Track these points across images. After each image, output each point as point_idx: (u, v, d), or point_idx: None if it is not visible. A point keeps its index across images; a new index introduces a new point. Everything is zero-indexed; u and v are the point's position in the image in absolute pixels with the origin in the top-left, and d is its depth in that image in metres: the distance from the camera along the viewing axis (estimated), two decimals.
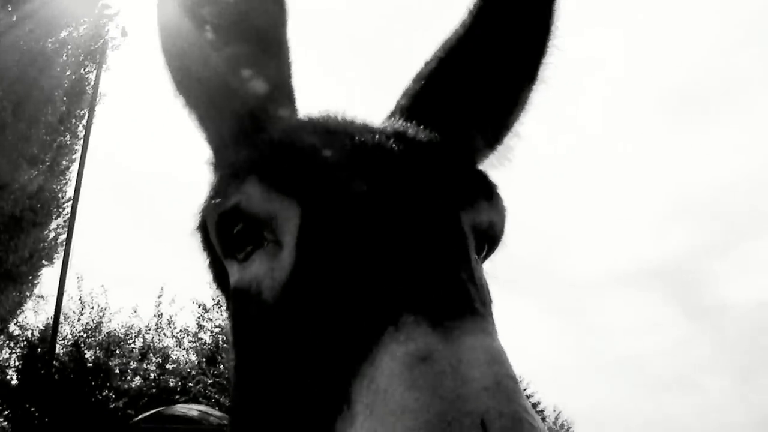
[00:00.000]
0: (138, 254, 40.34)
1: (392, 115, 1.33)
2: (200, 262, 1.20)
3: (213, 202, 1.03)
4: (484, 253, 1.16)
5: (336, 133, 1.08)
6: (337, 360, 0.79)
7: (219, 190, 1.04)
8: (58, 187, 18.59)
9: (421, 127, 1.16)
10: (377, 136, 1.06)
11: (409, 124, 1.17)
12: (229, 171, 1.06)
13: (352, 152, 1.02)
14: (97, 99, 18.98)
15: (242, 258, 1.00)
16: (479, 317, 0.77)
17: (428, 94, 1.32)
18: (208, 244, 1.14)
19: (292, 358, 0.86)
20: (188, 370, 22.96)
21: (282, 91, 1.26)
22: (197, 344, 24.04)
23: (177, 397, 20.59)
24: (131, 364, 21.67)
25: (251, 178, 0.98)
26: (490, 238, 1.14)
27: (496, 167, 1.39)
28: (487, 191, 1.11)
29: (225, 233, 1.01)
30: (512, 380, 0.69)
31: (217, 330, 24.11)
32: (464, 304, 0.79)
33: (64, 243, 17.42)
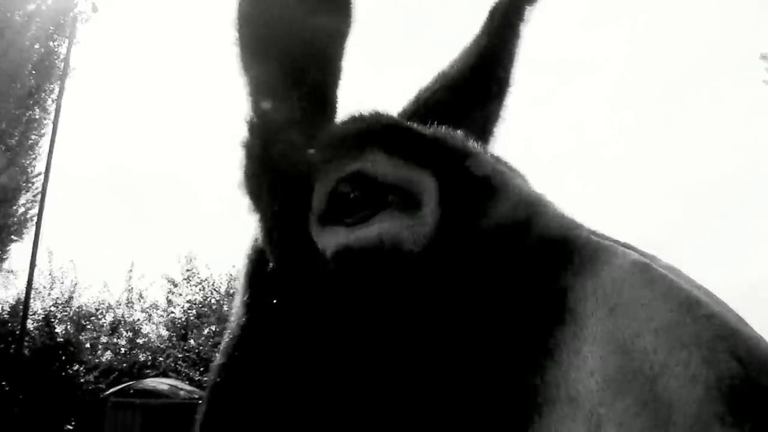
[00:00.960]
0: (108, 229, 39.90)
1: (410, 117, 1.34)
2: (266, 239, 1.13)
3: (326, 167, 1.05)
4: None
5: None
6: (536, 283, 0.74)
7: (328, 160, 1.06)
8: (28, 162, 18.44)
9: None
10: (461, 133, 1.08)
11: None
12: (335, 143, 1.08)
13: (450, 131, 1.05)
14: (68, 73, 18.73)
15: (353, 222, 0.99)
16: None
17: (442, 103, 1.41)
18: (295, 215, 1.09)
19: (470, 299, 0.79)
20: (158, 344, 23.19)
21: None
22: (167, 319, 24.23)
23: (147, 371, 20.77)
24: (102, 338, 21.78)
25: (371, 148, 0.99)
26: None
27: None
28: None
29: (337, 199, 1.02)
30: None
31: (187, 305, 24.32)
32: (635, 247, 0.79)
33: (35, 218, 17.36)
